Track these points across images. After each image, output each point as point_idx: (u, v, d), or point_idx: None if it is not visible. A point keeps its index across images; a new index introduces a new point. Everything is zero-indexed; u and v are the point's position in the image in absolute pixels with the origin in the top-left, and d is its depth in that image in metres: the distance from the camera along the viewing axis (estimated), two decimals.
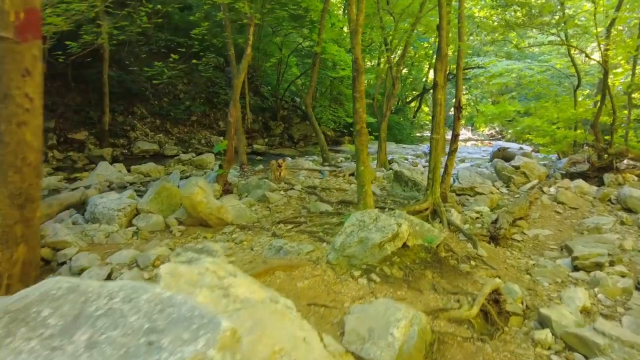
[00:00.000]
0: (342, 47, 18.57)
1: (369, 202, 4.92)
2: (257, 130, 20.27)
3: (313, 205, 6.41)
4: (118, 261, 4.60)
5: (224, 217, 5.63)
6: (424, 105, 34.20)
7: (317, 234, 5.02)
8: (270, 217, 6.27)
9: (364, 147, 4.92)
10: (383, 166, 10.46)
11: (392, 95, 10.58)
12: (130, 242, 5.21)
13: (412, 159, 14.26)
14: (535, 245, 6.04)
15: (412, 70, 28.56)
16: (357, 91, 4.90)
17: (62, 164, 13.64)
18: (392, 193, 7.07)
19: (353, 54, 4.87)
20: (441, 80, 6.30)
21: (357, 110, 4.90)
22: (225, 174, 7.81)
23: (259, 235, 5.35)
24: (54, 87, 15.67)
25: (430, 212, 5.85)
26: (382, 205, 6.50)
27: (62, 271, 4.53)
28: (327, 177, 8.81)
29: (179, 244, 5.15)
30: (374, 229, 4.08)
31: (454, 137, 7.32)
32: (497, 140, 29.97)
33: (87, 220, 5.86)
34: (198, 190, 5.44)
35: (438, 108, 6.14)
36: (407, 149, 21.78)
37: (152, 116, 18.13)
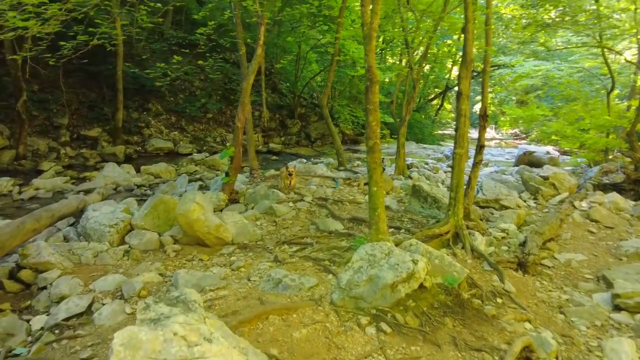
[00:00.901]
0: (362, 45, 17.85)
1: (382, 228, 4.37)
2: (273, 128, 19.81)
3: (322, 221, 5.89)
4: (102, 288, 4.17)
5: (223, 236, 5.16)
6: (446, 102, 33.25)
7: (323, 262, 4.49)
8: (276, 234, 5.77)
9: (378, 166, 4.37)
10: (401, 174, 9.86)
11: (412, 98, 9.95)
12: (119, 264, 4.78)
13: (432, 163, 13.58)
14: (568, 274, 5.41)
15: (434, 68, 27.69)
16: (370, 102, 4.34)
17: (74, 161, 13.42)
18: (409, 209, 6.49)
19: (366, 61, 4.31)
20: (466, 88, 5.69)
21: (370, 124, 4.35)
22: (231, 182, 7.34)
23: (259, 259, 4.86)
24: (67, 82, 15.45)
25: (451, 236, 5.27)
26: (398, 224, 5.94)
27: (41, 298, 4.13)
28: (341, 185, 8.27)
29: (171, 267, 4.70)
30: (386, 266, 3.54)
31: (478, 148, 6.69)
32: (521, 140, 28.94)
33: (79, 235, 5.47)
34: (194, 207, 4.97)
35: (462, 119, 5.54)
36: (427, 149, 21.02)
37: (167, 113, 17.83)
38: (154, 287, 4.19)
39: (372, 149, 4.34)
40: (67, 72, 15.63)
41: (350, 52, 16.94)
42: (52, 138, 13.88)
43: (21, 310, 4.05)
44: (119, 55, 14.20)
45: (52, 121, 14.21)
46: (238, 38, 8.33)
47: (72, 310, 3.76)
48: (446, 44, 23.66)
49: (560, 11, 8.78)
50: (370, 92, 4.31)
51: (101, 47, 6.60)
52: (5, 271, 4.49)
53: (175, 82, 18.53)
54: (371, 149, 4.35)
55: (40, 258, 4.52)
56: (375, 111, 4.32)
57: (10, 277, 4.46)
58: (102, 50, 7.48)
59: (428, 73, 26.89)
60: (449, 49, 24.61)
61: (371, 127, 4.32)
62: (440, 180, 10.34)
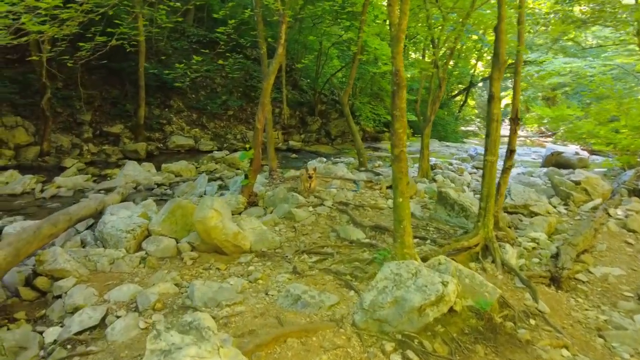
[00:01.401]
0: (385, 41, 17.60)
1: (408, 241, 4.13)
2: (293, 125, 19.65)
3: (343, 229, 5.67)
4: (117, 299, 4.05)
5: (240, 244, 5.00)
6: (470, 99, 32.51)
7: (344, 276, 4.29)
8: (295, 241, 5.58)
9: (404, 176, 4.13)
10: (425, 176, 9.56)
11: (437, 97, 9.62)
12: (135, 272, 4.67)
13: (457, 164, 13.20)
14: (605, 290, 5.08)
15: (458, 63, 27.05)
16: (397, 108, 4.10)
17: (96, 158, 13.51)
18: (435, 217, 6.22)
19: (393, 65, 4.06)
20: (497, 91, 5.38)
21: (397, 131, 4.10)
22: (250, 184, 7.18)
23: (277, 269, 4.68)
24: (91, 79, 15.60)
25: (480, 249, 5.00)
26: (423, 233, 5.68)
27: (56, 307, 4.03)
28: (362, 188, 8.03)
29: (188, 276, 4.55)
30: (412, 288, 3.31)
31: (509, 153, 6.36)
32: (547, 138, 28.10)
33: (96, 239, 5.38)
34: (212, 214, 4.82)
35: (494, 124, 5.24)
36: (451, 147, 20.54)
37: (188, 110, 17.84)
38: (169, 298, 4.05)
39: (398, 157, 4.10)
40: (91, 69, 15.75)
41: (372, 49, 16.61)
42: (75, 134, 14.01)
43: (36, 320, 3.97)
44: (141, 52, 14.21)
45: (76, 118, 14.34)
46: (259, 36, 8.15)
47: (85, 323, 3.64)
48: (471, 39, 23.06)
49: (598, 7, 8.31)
50: (397, 97, 4.06)
51: (123, 45, 6.57)
52: (21, 278, 4.42)
53: (196, 80, 18.51)
54: (397, 158, 4.11)
55: (56, 265, 4.43)
56: (402, 117, 4.07)
57: (26, 284, 4.40)
58: (124, 47, 7.47)
59: (452, 69, 26.29)
60: (474, 44, 23.99)
61: (397, 134, 4.08)
62: (466, 182, 10.01)
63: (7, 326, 3.80)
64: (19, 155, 11.87)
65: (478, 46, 23.93)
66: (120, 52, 14.34)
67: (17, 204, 7.99)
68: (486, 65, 28.55)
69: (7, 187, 8.67)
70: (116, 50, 6.98)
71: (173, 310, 3.86)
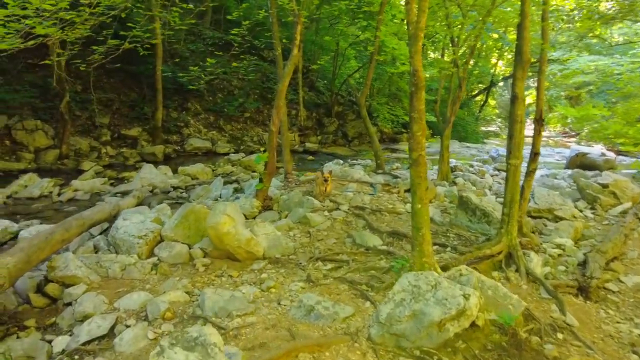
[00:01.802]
0: (403, 41, 17.36)
1: (427, 250, 3.94)
2: (310, 127, 19.52)
3: (359, 235, 5.50)
4: (127, 307, 3.97)
5: (253, 250, 4.87)
6: (490, 98, 31.91)
7: (360, 286, 4.11)
8: (309, 247, 5.43)
9: (422, 180, 3.94)
10: (445, 179, 9.31)
11: (457, 98, 9.37)
12: (147, 278, 4.58)
13: (477, 165, 12.88)
14: (638, 301, 4.79)
15: (478, 62, 26.55)
16: (415, 110, 3.91)
17: (114, 161, 13.60)
18: (455, 222, 6.00)
19: (411, 64, 3.88)
20: (521, 91, 5.14)
21: (415, 134, 3.92)
22: (265, 188, 7.07)
23: (291, 277, 4.53)
24: (109, 82, 15.74)
25: (504, 257, 4.77)
26: (443, 240, 5.47)
27: (66, 315, 3.96)
28: (379, 192, 7.84)
29: (200, 284, 4.44)
30: (432, 301, 3.12)
31: (532, 155, 6.10)
32: (570, 138, 27.37)
33: (109, 245, 5.32)
34: (225, 220, 4.70)
35: (518, 126, 5.00)
36: (471, 148, 20.14)
37: (205, 112, 17.88)
38: (179, 307, 3.94)
39: (416, 161, 3.91)
40: (109, 72, 15.90)
41: (390, 49, 16.38)
42: (93, 137, 14.13)
43: (45, 327, 3.90)
44: (157, 56, 14.26)
45: (94, 121, 14.46)
46: (274, 38, 8.04)
47: (94, 333, 3.56)
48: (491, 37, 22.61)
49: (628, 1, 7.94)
50: (415, 99, 3.88)
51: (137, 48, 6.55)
52: (33, 284, 4.37)
53: (214, 82, 18.55)
54: (415, 162, 3.92)
55: (67, 271, 4.37)
56: (420, 120, 3.89)
57: (37, 291, 4.34)
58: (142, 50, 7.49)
59: (472, 68, 25.81)
60: (495, 43, 23.51)
61: (416, 137, 3.89)
62: (487, 185, 9.72)
63: (17, 334, 3.74)
64: (39, 158, 12.01)
65: (499, 45, 23.44)
66: (137, 55, 14.44)
67: (34, 207, 8.03)
68: (507, 65, 28.00)
69: (26, 191, 8.73)
70: (134, 53, 6.99)
71: (183, 320, 3.75)
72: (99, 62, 5.38)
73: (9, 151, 11.82)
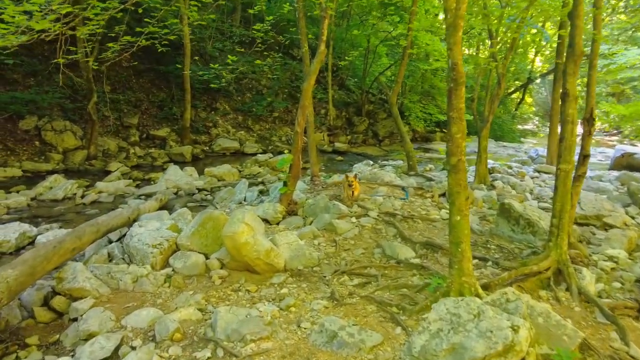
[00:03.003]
0: (436, 36, 16.68)
1: (467, 268, 3.46)
2: (339, 126, 19.08)
3: (389, 245, 5.04)
4: (134, 324, 3.65)
5: (273, 262, 4.49)
6: (527, 96, 30.60)
7: (389, 307, 3.66)
8: (335, 258, 5.01)
9: (462, 189, 3.45)
10: (483, 182, 8.69)
11: (496, 96, 8.74)
12: (159, 292, 4.26)
13: (517, 167, 12.13)
14: None
15: (515, 58, 25.45)
16: (453, 109, 3.43)
17: (142, 161, 13.54)
18: (496, 232, 5.44)
19: (450, 57, 3.40)
20: (573, 88, 4.57)
21: (454, 137, 3.44)
22: (289, 192, 6.69)
23: (313, 294, 4.12)
24: (138, 83, 15.74)
25: (552, 274, 4.22)
26: (483, 253, 4.94)
27: (70, 332, 3.68)
28: (412, 196, 7.33)
29: (214, 299, 4.09)
30: (474, 333, 2.65)
31: (582, 158, 5.47)
32: (611, 137, 25.93)
33: (124, 253, 5.05)
34: (243, 229, 4.34)
35: (569, 127, 4.43)
36: (508, 148, 19.29)
37: (234, 112, 17.71)
38: (190, 327, 3.60)
39: (455, 167, 3.43)
40: (138, 72, 15.93)
41: (423, 44, 15.76)
42: (122, 138, 14.14)
43: (48, 346, 3.63)
44: (186, 55, 14.13)
45: (123, 121, 14.47)
46: (300, 34, 7.64)
47: (97, 355, 3.25)
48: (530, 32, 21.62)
49: None
50: (454, 96, 3.40)
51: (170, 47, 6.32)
52: (39, 297, 4.13)
53: (242, 81, 18.39)
54: (454, 168, 3.44)
55: (75, 283, 4.10)
56: (460, 120, 3.41)
57: (44, 304, 4.09)
58: (171, 50, 7.32)
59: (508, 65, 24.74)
60: (533, 37, 22.43)
61: (455, 140, 3.41)
62: (529, 189, 9.04)
63: (17, 353, 3.48)
64: (67, 159, 12.04)
65: (537, 39, 22.36)
66: (167, 55, 14.37)
67: (57, 210, 7.92)
68: (544, 61, 26.83)
69: (50, 193, 8.66)
70: (163, 53, 6.80)
71: (193, 343, 3.40)
72: (112, 59, 5.11)
73: (38, 152, 11.90)
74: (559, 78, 12.43)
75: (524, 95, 28.47)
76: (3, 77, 12.29)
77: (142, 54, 16.05)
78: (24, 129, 12.16)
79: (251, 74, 18.43)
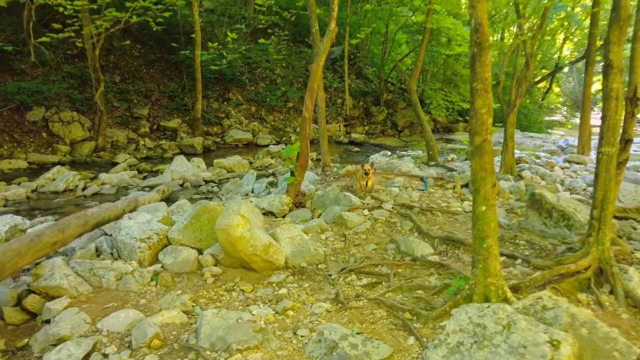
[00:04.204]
0: (459, 19, 15.91)
1: (493, 268, 2.91)
2: (356, 116, 18.49)
3: (404, 240, 4.50)
4: (111, 328, 3.22)
5: (272, 259, 4.01)
6: (555, 85, 29.37)
7: (401, 312, 3.13)
8: (343, 255, 4.51)
9: (488, 174, 2.90)
10: (510, 172, 8.03)
11: (524, 78, 8.05)
12: (144, 291, 3.82)
13: (545, 157, 11.39)
14: None
15: (541, 46, 24.33)
16: (478, 79, 2.87)
17: (153, 153, 13.25)
18: (525, 226, 4.84)
19: (473, 16, 2.83)
20: (618, 58, 3.94)
21: (478, 112, 2.88)
22: (297, 183, 6.20)
23: (316, 294, 3.63)
24: (149, 73, 15.44)
25: (593, 274, 3.62)
26: (512, 249, 4.35)
27: (39, 336, 3.26)
28: (431, 187, 6.76)
29: (204, 300, 3.63)
30: (503, 349, 2.12)
31: (624, 143, 4.81)
32: None
33: (112, 248, 4.64)
34: (238, 222, 3.86)
35: (613, 103, 3.81)
36: (535, 138, 18.41)
37: (247, 102, 17.29)
38: (172, 332, 3.15)
39: (479, 148, 2.88)
40: (149, 62, 15.62)
41: (445, 28, 15.04)
42: (131, 129, 13.85)
43: (15, 351, 3.22)
44: (196, 43, 13.71)
45: (132, 112, 14.19)
46: (310, 12, 7.12)
47: None
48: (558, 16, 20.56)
49: None
50: (478, 63, 2.84)
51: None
52: (13, 296, 3.72)
53: (256, 71, 17.94)
54: (478, 149, 2.88)
55: (51, 281, 3.69)
56: (485, 92, 2.85)
57: (17, 304, 3.69)
58: (182, 38, 7.04)
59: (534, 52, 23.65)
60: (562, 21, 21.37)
61: (479, 115, 2.85)
62: (559, 179, 8.35)
63: None
64: (74, 151, 11.79)
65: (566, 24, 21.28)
66: (179, 44, 14.00)
67: (56, 202, 7.61)
68: (572, 49, 25.68)
69: (51, 185, 8.37)
70: (174, 42, 6.42)
71: (172, 351, 2.94)
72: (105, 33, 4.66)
73: (45, 144, 11.68)
74: (592, 61, 11.61)
75: (551, 84, 27.29)
76: (10, 68, 12.10)
77: (153, 43, 15.80)
78: (31, 121, 11.96)
79: (265, 63, 17.95)
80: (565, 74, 31.55)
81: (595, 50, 11.81)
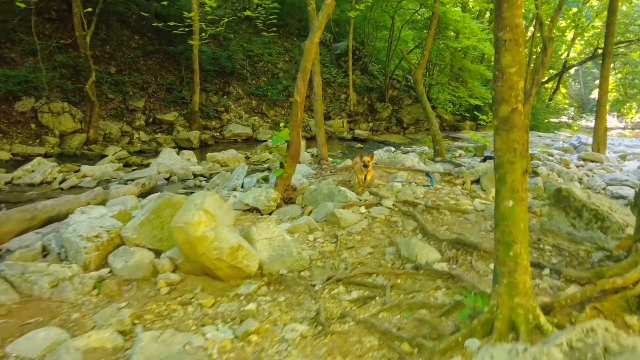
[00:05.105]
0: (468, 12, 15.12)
1: (522, 283, 2.15)
2: (361, 113, 17.72)
3: (406, 244, 3.74)
4: (23, 353, 2.50)
5: (242, 265, 3.27)
6: (562, 86, 28.41)
7: (398, 341, 2.37)
8: (333, 260, 3.75)
9: (518, 158, 2.14)
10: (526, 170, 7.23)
11: (541, 65, 7.24)
12: (82, 301, 3.09)
13: (559, 154, 10.58)
14: None
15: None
16: (506, 27, 2.11)
17: (147, 147, 12.60)
18: (549, 228, 4.05)
19: None
20: None
21: (506, 72, 2.12)
22: (287, 176, 5.47)
23: (292, 313, 2.88)
24: (147, 65, 14.79)
25: None
26: (536, 257, 3.56)
27: None
28: (438, 183, 6.00)
29: (151, 316, 2.89)
30: None
31: None
32: None
33: (61, 247, 3.92)
34: (200, 219, 3.13)
35: None
36: (543, 138, 17.70)
37: (248, 97, 16.60)
38: None
39: (507, 121, 2.12)
40: (147, 53, 14.98)
41: (453, 21, 14.25)
42: (126, 122, 13.21)
43: None
44: (195, 32, 13.01)
45: (128, 105, 13.54)
46: None
47: None
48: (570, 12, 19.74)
49: None
50: (506, 5, 2.08)
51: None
52: None
53: (258, 65, 17.27)
54: (505, 122, 2.13)
55: None
56: (516, 45, 2.09)
57: None
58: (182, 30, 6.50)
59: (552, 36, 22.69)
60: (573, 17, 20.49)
61: (507, 76, 2.09)
62: (577, 177, 7.57)
63: None
64: (64, 143, 11.16)
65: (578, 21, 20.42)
66: (178, 35, 13.32)
67: (28, 195, 6.95)
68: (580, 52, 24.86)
69: (28, 177, 7.72)
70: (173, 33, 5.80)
71: None
72: None
73: (34, 135, 11.05)
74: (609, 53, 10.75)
75: (558, 85, 26.50)
76: (0, 56, 11.50)
77: (152, 34, 15.14)
78: (19, 111, 11.34)
79: (267, 57, 17.26)
80: (572, 77, 30.71)
81: (612, 41, 10.96)
